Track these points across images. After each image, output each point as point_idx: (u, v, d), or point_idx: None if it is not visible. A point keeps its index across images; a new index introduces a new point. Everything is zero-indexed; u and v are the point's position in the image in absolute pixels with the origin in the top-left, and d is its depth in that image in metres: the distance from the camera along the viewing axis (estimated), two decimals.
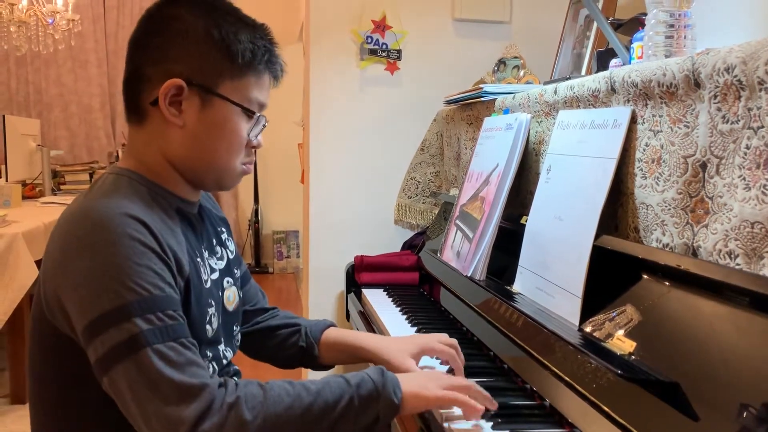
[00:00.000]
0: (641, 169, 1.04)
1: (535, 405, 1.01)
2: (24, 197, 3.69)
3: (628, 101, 1.08)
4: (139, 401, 0.81)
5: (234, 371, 1.12)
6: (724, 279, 0.80)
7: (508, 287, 1.30)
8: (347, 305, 2.01)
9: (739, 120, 0.83)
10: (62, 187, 4.24)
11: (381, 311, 1.64)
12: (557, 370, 0.98)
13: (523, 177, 1.48)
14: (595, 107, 1.20)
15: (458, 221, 1.62)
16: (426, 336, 1.19)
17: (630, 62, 1.26)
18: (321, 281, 2.35)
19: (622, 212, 1.10)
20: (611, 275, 1.01)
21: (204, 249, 1.04)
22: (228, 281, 1.09)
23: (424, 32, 2.36)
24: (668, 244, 0.96)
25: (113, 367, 0.82)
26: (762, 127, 0.79)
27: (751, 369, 0.72)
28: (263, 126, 1.03)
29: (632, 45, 1.25)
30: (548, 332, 1.05)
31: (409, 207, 2.23)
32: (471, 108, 1.89)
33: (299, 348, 1.22)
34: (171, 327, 0.84)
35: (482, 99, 1.73)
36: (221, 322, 1.04)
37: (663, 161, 0.99)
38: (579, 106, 1.25)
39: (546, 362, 1.02)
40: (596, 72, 1.40)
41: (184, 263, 0.93)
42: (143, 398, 0.81)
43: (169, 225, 0.95)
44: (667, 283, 0.92)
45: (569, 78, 1.40)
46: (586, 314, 1.03)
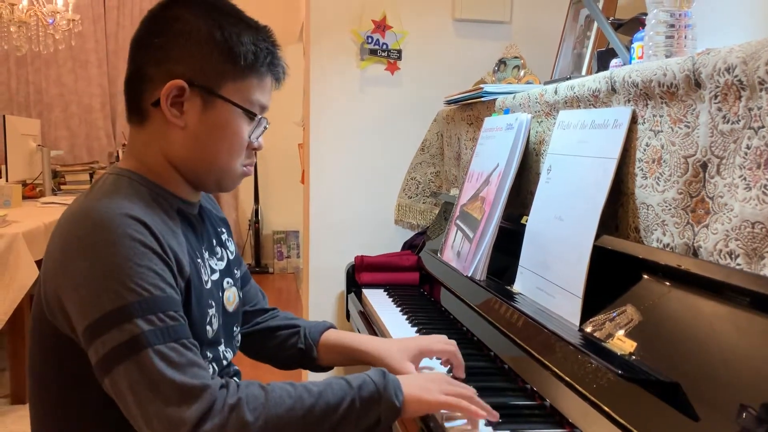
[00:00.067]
0: (642, 169, 1.04)
1: (536, 405, 1.01)
2: (24, 197, 3.69)
3: (629, 101, 1.08)
4: (141, 402, 0.81)
5: (234, 371, 1.12)
6: (725, 279, 0.80)
7: (509, 287, 1.30)
8: (347, 305, 2.01)
9: (740, 120, 0.83)
10: (62, 187, 4.25)
11: (381, 311, 1.64)
12: (558, 371, 0.98)
13: (524, 177, 1.48)
14: (596, 107, 1.19)
15: (458, 221, 1.62)
16: (425, 338, 1.19)
17: (630, 62, 1.26)
18: (321, 281, 2.35)
19: (623, 212, 1.10)
20: (612, 275, 1.01)
21: (204, 250, 1.04)
22: (228, 282, 1.09)
23: (425, 32, 2.36)
24: (669, 244, 0.96)
25: (114, 368, 0.82)
26: (762, 127, 0.79)
27: (752, 369, 0.72)
28: (264, 128, 1.03)
29: (633, 45, 1.25)
30: (549, 332, 1.05)
31: (410, 207, 2.23)
32: (471, 108, 1.89)
33: (298, 349, 1.22)
34: (172, 328, 0.84)
35: (482, 99, 1.73)
36: (221, 323, 1.04)
37: (663, 161, 0.98)
38: (579, 106, 1.25)
39: (546, 362, 1.02)
40: (597, 72, 1.40)
41: (185, 264, 0.93)
42: (144, 399, 0.81)
43: (170, 226, 0.95)
44: (668, 283, 0.92)
45: (570, 78, 1.40)
46: (587, 314, 1.03)
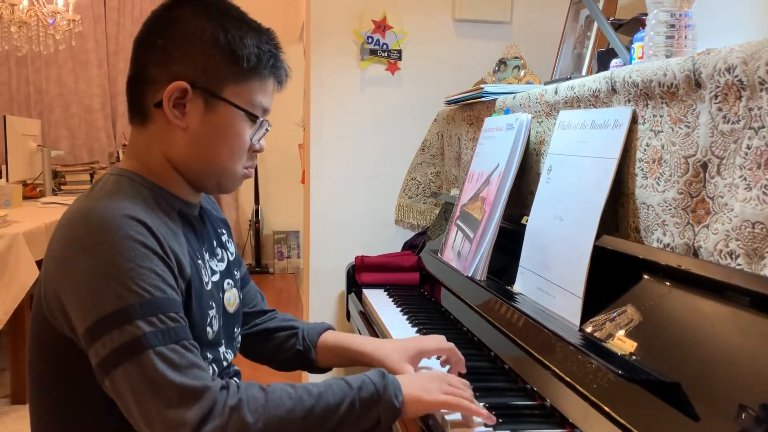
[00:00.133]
0: (642, 169, 1.04)
1: (536, 405, 1.01)
2: (25, 197, 3.69)
3: (629, 101, 1.08)
4: (141, 403, 0.81)
5: (234, 372, 1.12)
6: (725, 279, 0.80)
7: (509, 287, 1.30)
8: (348, 305, 2.01)
9: (740, 120, 0.83)
10: (63, 188, 4.25)
11: (381, 311, 1.64)
12: (558, 371, 0.98)
13: (524, 177, 1.48)
14: (596, 107, 1.20)
15: (459, 221, 1.62)
16: (423, 338, 1.19)
17: (631, 62, 1.26)
18: (321, 281, 2.35)
19: (623, 212, 1.10)
20: (612, 275, 1.01)
21: (205, 251, 1.04)
22: (228, 283, 1.09)
23: (425, 32, 2.36)
24: (669, 245, 0.96)
25: (115, 370, 0.82)
26: (763, 127, 0.79)
27: (752, 369, 0.72)
28: (266, 130, 1.03)
29: (633, 45, 1.25)
30: (549, 332, 1.05)
31: (410, 207, 2.23)
32: (472, 108, 1.89)
33: (296, 351, 1.22)
34: (173, 329, 0.84)
35: (483, 99, 1.73)
36: (222, 324, 1.04)
37: (664, 161, 0.99)
38: (580, 107, 1.25)
39: (547, 362, 1.02)
40: (597, 72, 1.39)
41: (186, 265, 0.93)
42: (145, 401, 0.81)
43: (171, 227, 0.95)
44: (668, 284, 0.92)
45: (570, 78, 1.40)
46: (587, 314, 1.03)
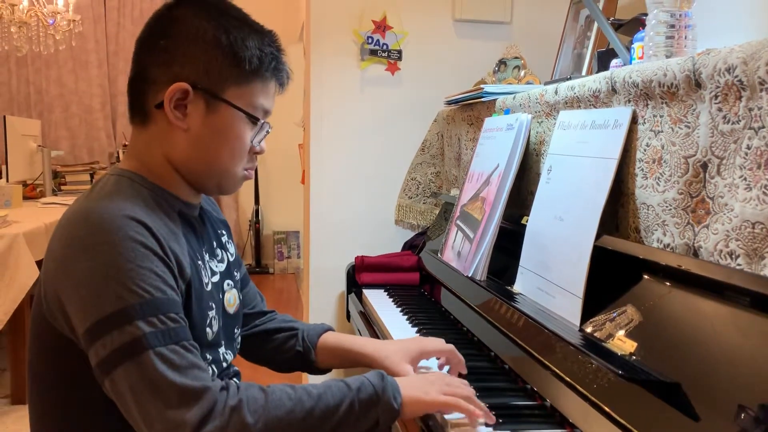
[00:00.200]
0: (642, 170, 1.04)
1: (536, 405, 1.01)
2: (25, 198, 3.69)
3: (629, 101, 1.08)
4: (141, 404, 0.81)
5: (234, 372, 1.12)
6: (725, 279, 0.80)
7: (509, 287, 1.30)
8: (348, 306, 2.01)
9: (740, 120, 0.83)
10: (63, 188, 4.25)
11: (382, 312, 1.64)
12: (558, 371, 0.98)
13: (524, 177, 1.48)
14: (596, 107, 1.20)
15: (459, 221, 1.62)
16: (423, 339, 1.19)
17: (631, 62, 1.26)
18: (322, 282, 2.35)
19: (623, 212, 1.10)
20: (612, 275, 1.01)
21: (205, 251, 1.04)
22: (228, 284, 1.09)
23: (425, 33, 2.36)
24: (669, 245, 0.96)
25: (115, 370, 0.82)
26: (763, 128, 0.79)
27: (752, 369, 0.72)
28: (267, 132, 1.03)
29: (633, 45, 1.25)
30: (549, 332, 1.05)
31: (410, 207, 2.23)
32: (472, 108, 1.89)
33: (296, 352, 1.21)
34: (173, 330, 0.84)
35: (483, 99, 1.73)
36: (221, 325, 1.04)
37: (664, 161, 0.99)
38: (580, 107, 1.25)
39: (547, 362, 1.02)
40: (597, 72, 1.39)
41: (186, 266, 0.93)
42: (145, 401, 0.81)
43: (171, 227, 0.95)
44: (668, 284, 0.92)
45: (570, 78, 1.40)
46: (587, 314, 1.03)
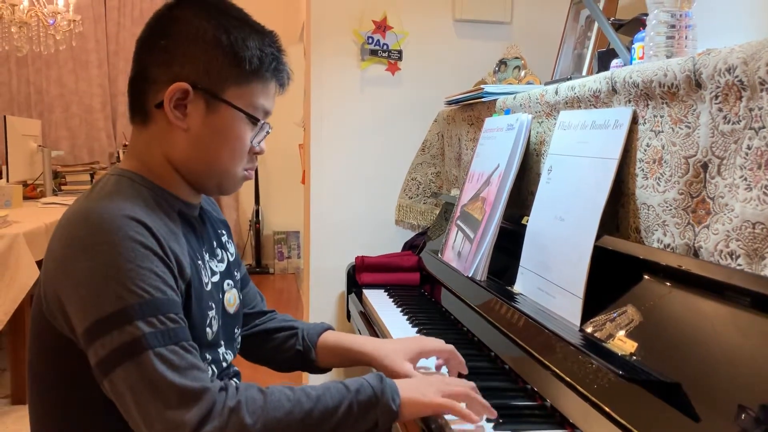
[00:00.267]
0: (642, 170, 1.04)
1: (536, 405, 1.01)
2: (25, 198, 3.69)
3: (629, 102, 1.08)
4: (140, 404, 0.81)
5: (234, 372, 1.12)
6: (726, 279, 0.80)
7: (509, 288, 1.30)
8: (348, 306, 2.01)
9: (741, 120, 0.83)
10: (63, 188, 4.25)
11: (382, 312, 1.64)
12: (558, 371, 0.98)
13: (524, 177, 1.48)
14: (596, 108, 1.19)
15: (459, 222, 1.62)
16: (423, 338, 1.19)
17: (631, 63, 1.26)
18: (322, 282, 2.35)
19: (624, 213, 1.10)
20: (612, 276, 1.01)
21: (205, 251, 1.04)
22: (228, 284, 1.09)
23: (425, 33, 2.36)
24: (669, 245, 0.96)
25: (114, 370, 0.82)
26: (763, 128, 0.79)
27: (753, 369, 0.72)
28: (267, 133, 1.03)
29: (633, 45, 1.25)
30: (549, 333, 1.05)
31: (410, 207, 2.23)
32: (472, 108, 1.89)
33: (296, 351, 1.21)
34: (173, 330, 0.84)
35: (483, 99, 1.73)
36: (221, 325, 1.04)
37: (664, 162, 0.98)
38: (580, 107, 1.25)
39: (547, 363, 1.02)
40: (597, 72, 1.39)
41: (186, 266, 0.93)
42: (144, 401, 0.81)
43: (171, 227, 0.94)
44: (668, 284, 0.92)
45: (570, 78, 1.39)
46: (587, 315, 1.03)
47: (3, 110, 5.06)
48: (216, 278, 1.05)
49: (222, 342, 1.04)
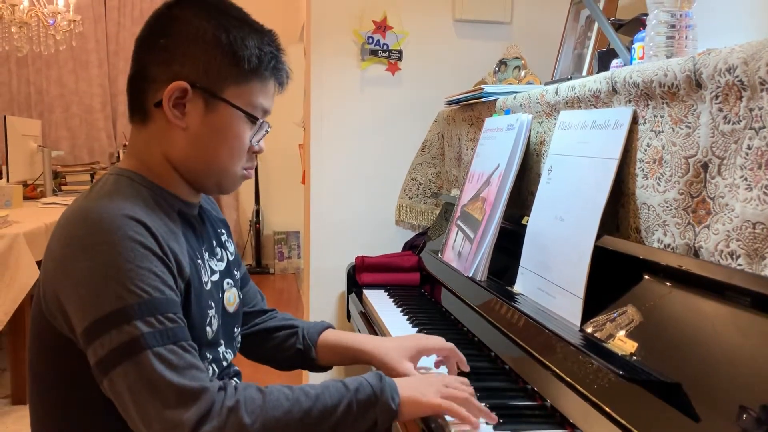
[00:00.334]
0: (642, 170, 1.04)
1: (537, 405, 1.01)
2: (25, 198, 3.69)
3: (630, 102, 1.08)
4: (139, 404, 0.81)
5: (234, 372, 1.12)
6: (726, 279, 0.80)
7: (510, 288, 1.30)
8: (348, 306, 2.01)
9: (741, 120, 0.83)
10: (63, 188, 4.25)
11: (382, 312, 1.64)
12: (558, 371, 0.98)
13: (525, 177, 1.48)
14: (597, 108, 1.19)
15: (459, 222, 1.62)
16: (423, 336, 1.19)
17: (631, 63, 1.26)
18: (322, 282, 2.35)
19: (624, 213, 1.09)
20: (613, 276, 1.01)
21: (204, 251, 1.04)
22: (228, 283, 1.09)
23: (425, 33, 2.36)
24: (670, 245, 0.96)
25: (113, 370, 0.82)
26: (764, 128, 0.79)
27: (753, 369, 0.72)
28: (266, 132, 1.03)
29: (633, 45, 1.25)
30: (549, 333, 1.05)
31: (410, 207, 2.23)
32: (472, 108, 1.89)
33: (297, 350, 1.22)
34: (171, 330, 0.84)
35: (483, 99, 1.73)
36: (221, 324, 1.04)
37: (664, 162, 0.98)
38: (580, 107, 1.25)
39: (547, 363, 1.02)
40: (597, 72, 1.39)
41: (185, 265, 0.93)
42: (143, 401, 0.81)
43: (170, 227, 0.94)
44: (669, 284, 0.92)
45: (570, 78, 1.39)
46: (588, 315, 1.03)
47: (3, 110, 5.06)
48: (216, 277, 1.05)
49: (222, 341, 1.04)
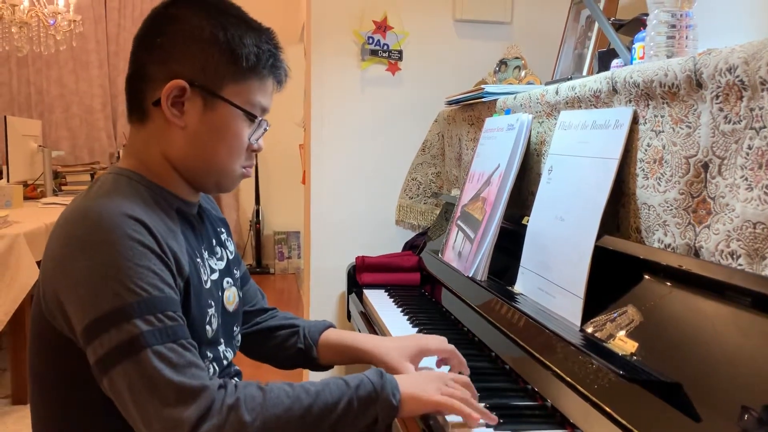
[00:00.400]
0: (643, 170, 1.04)
1: (537, 405, 1.01)
2: (25, 198, 3.69)
3: (630, 101, 1.08)
4: (139, 403, 0.81)
5: (235, 371, 1.12)
6: (726, 279, 0.80)
7: (510, 288, 1.30)
8: (348, 306, 2.01)
9: (741, 120, 0.83)
10: (63, 188, 4.25)
11: (382, 312, 1.64)
12: (559, 371, 0.98)
13: (525, 177, 1.48)
14: (597, 108, 1.19)
15: (459, 222, 1.62)
16: (424, 336, 1.19)
17: (631, 63, 1.26)
18: (322, 282, 2.35)
19: (624, 213, 1.09)
20: (613, 276, 1.01)
21: (204, 249, 1.04)
22: (228, 282, 1.09)
23: (425, 33, 2.36)
24: (670, 245, 0.96)
25: (113, 369, 0.82)
26: (764, 128, 0.79)
27: (753, 369, 0.72)
28: (265, 130, 1.03)
29: (634, 45, 1.25)
30: (550, 333, 1.05)
31: (411, 208, 2.23)
32: (472, 108, 1.89)
33: (298, 349, 1.22)
34: (171, 328, 0.84)
35: (483, 99, 1.73)
36: (221, 323, 1.04)
37: (665, 161, 0.98)
38: (580, 107, 1.25)
39: (547, 363, 1.02)
40: (598, 72, 1.39)
41: (184, 264, 0.93)
42: (143, 400, 0.81)
43: (169, 225, 0.94)
44: (669, 284, 0.92)
45: (571, 78, 1.39)
46: (588, 315, 1.03)
47: (3, 110, 5.06)
48: (215, 276, 1.05)
49: (222, 340, 1.04)
